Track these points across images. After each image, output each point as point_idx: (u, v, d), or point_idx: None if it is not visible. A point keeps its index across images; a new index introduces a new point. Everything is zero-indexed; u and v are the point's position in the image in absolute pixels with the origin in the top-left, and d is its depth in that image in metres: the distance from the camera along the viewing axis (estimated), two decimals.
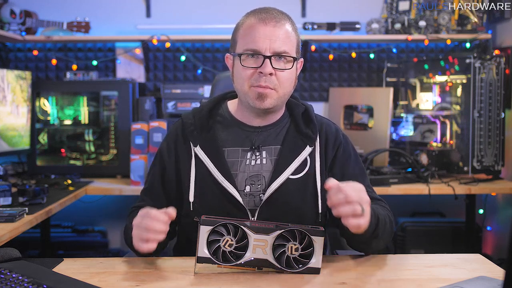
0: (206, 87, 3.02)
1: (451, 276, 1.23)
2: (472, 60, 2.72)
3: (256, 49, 1.36)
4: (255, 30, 1.36)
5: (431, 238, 2.95)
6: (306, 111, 1.49)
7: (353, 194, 1.15)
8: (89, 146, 3.09)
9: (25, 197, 2.11)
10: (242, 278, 1.20)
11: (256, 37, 1.35)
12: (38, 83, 3.03)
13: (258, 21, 1.37)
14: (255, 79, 1.36)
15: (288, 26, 1.39)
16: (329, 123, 1.53)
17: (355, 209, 1.14)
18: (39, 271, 1.20)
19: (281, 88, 1.38)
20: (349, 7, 3.29)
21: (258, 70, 1.36)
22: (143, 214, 1.24)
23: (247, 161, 1.43)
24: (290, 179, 1.41)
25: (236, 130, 1.46)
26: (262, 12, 1.39)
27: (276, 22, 1.36)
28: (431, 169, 2.76)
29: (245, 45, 1.37)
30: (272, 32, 1.35)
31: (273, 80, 1.36)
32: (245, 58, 1.38)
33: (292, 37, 1.39)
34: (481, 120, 2.74)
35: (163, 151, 1.50)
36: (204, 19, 3.25)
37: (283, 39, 1.36)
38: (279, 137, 1.46)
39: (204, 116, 1.46)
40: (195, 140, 1.44)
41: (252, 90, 1.37)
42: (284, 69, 1.37)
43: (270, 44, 1.35)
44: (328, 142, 1.47)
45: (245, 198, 1.40)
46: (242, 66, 1.38)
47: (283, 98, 1.41)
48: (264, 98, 1.37)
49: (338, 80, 3.35)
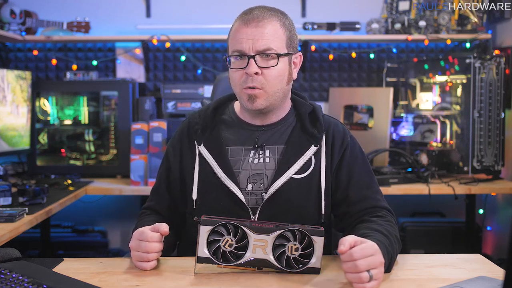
0: (206, 87, 3.02)
1: (451, 276, 1.23)
2: (472, 60, 2.72)
3: (241, 50, 1.37)
4: (238, 33, 1.38)
5: (431, 238, 2.95)
6: (313, 111, 1.49)
7: (362, 263, 1.11)
8: (89, 146, 3.09)
9: (25, 197, 2.11)
10: (242, 278, 1.20)
11: (239, 39, 1.38)
12: (38, 83, 3.03)
13: (241, 23, 1.39)
14: (244, 81, 1.38)
15: (274, 23, 1.39)
16: (337, 123, 1.52)
17: (361, 278, 1.11)
18: (39, 271, 1.20)
19: (269, 87, 1.38)
20: (349, 7, 3.29)
21: (244, 71, 1.37)
22: (139, 237, 1.27)
23: (249, 159, 1.44)
24: (293, 178, 1.41)
25: (239, 129, 1.48)
26: (246, 13, 1.41)
27: (258, 22, 1.37)
28: (431, 169, 2.76)
29: (231, 48, 1.40)
30: (253, 32, 1.37)
31: (259, 80, 1.37)
32: (233, 61, 1.40)
33: (280, 33, 1.39)
34: (481, 120, 2.74)
35: (169, 151, 1.52)
36: (204, 19, 3.25)
37: (267, 37, 1.37)
38: (283, 137, 1.46)
39: (209, 116, 1.48)
40: (199, 139, 1.45)
41: (243, 92, 1.39)
42: (268, 67, 1.37)
43: (252, 43, 1.36)
44: (335, 142, 1.47)
45: (247, 196, 1.41)
46: (231, 69, 1.41)
47: (274, 96, 1.40)
48: (254, 99, 1.38)
49: (338, 80, 3.35)
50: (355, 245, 1.14)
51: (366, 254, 1.13)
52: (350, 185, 1.44)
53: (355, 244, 1.14)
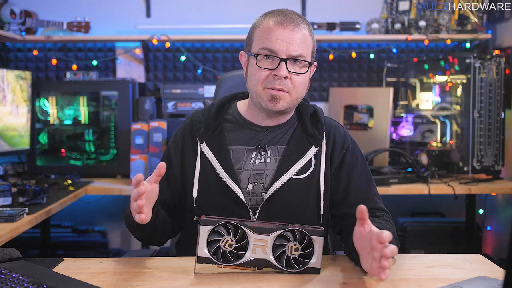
0: (206, 87, 3.02)
1: (451, 276, 1.23)
2: (472, 60, 2.72)
3: (273, 50, 1.36)
4: (273, 32, 1.37)
5: (431, 238, 2.95)
6: (315, 112, 1.50)
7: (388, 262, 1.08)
8: (89, 146, 3.09)
9: (25, 197, 2.11)
10: (242, 278, 1.20)
11: (273, 39, 1.36)
12: (38, 83, 3.03)
13: (276, 23, 1.37)
14: (270, 81, 1.38)
15: (305, 30, 1.39)
16: (338, 126, 1.53)
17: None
18: (39, 271, 1.20)
19: (294, 92, 1.39)
20: (349, 7, 3.29)
21: (273, 73, 1.37)
22: (130, 199, 1.25)
23: (251, 159, 1.44)
24: (293, 178, 1.41)
25: (243, 129, 1.48)
26: (280, 14, 1.39)
27: (294, 26, 1.37)
28: (431, 169, 2.76)
29: (260, 45, 1.38)
30: (289, 35, 1.36)
31: (287, 83, 1.37)
32: (261, 59, 1.39)
33: (309, 41, 1.40)
34: (481, 120, 2.74)
35: (170, 147, 1.52)
36: (204, 19, 3.25)
37: (299, 43, 1.37)
38: (285, 137, 1.47)
39: (212, 115, 1.48)
40: (202, 137, 1.46)
41: (265, 91, 1.39)
42: (299, 73, 1.38)
43: (287, 47, 1.36)
44: (336, 145, 1.48)
45: (247, 196, 1.41)
46: (258, 67, 1.39)
47: (295, 101, 1.42)
48: (277, 100, 1.38)
49: (338, 80, 3.35)
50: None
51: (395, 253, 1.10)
52: (350, 187, 1.45)
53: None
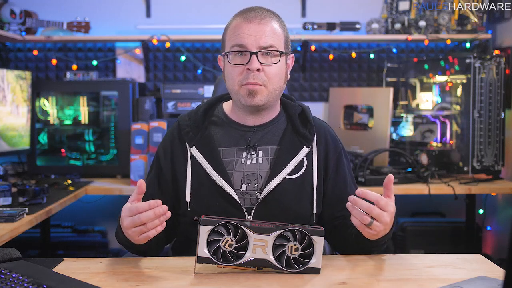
0: (206, 87, 3.02)
1: (451, 276, 1.23)
2: (472, 60, 2.72)
3: (243, 45, 1.38)
4: (241, 29, 1.40)
5: (431, 238, 2.95)
6: (303, 112, 1.51)
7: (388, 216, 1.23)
8: (89, 146, 3.09)
9: (25, 197, 2.11)
10: (242, 278, 1.20)
11: (242, 35, 1.39)
12: (38, 83, 3.03)
13: (243, 19, 1.40)
14: (244, 77, 1.39)
15: (274, 22, 1.42)
16: (328, 127, 1.56)
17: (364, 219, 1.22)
18: (39, 271, 1.20)
19: (270, 84, 1.40)
20: (349, 7, 3.29)
21: (246, 67, 1.38)
22: (130, 214, 1.22)
23: (242, 160, 1.45)
24: (287, 178, 1.43)
25: (231, 130, 1.48)
26: (247, 11, 1.43)
27: (261, 19, 1.40)
28: (431, 169, 2.76)
29: (231, 43, 1.41)
30: (257, 28, 1.39)
31: (261, 76, 1.39)
32: (232, 57, 1.41)
33: (279, 32, 1.42)
34: (481, 120, 2.74)
35: (160, 153, 1.51)
36: (204, 19, 3.25)
37: (269, 34, 1.39)
38: (275, 138, 1.48)
39: (199, 117, 1.48)
40: (191, 141, 1.46)
41: (242, 88, 1.40)
42: (271, 64, 1.39)
43: (255, 40, 1.38)
44: (329, 147, 1.50)
45: (241, 196, 1.42)
46: (230, 64, 1.41)
47: (273, 94, 1.42)
48: (255, 94, 1.39)
49: (338, 80, 3.35)
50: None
51: (387, 204, 1.23)
52: (345, 191, 1.48)
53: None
